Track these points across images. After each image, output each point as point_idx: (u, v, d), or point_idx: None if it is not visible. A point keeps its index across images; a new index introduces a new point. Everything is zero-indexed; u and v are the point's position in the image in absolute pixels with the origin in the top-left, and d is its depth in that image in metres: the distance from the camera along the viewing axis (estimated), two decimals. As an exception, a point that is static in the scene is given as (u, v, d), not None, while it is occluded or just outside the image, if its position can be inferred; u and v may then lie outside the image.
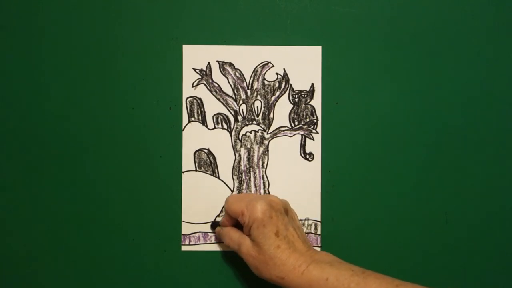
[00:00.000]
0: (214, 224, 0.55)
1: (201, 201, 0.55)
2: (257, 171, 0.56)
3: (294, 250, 0.47)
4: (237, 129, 0.56)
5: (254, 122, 0.56)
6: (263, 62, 0.56)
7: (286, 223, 0.49)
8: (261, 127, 0.56)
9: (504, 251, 0.55)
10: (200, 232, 0.55)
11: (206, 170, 0.56)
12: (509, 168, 0.55)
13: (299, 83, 0.56)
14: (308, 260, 0.46)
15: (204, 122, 0.56)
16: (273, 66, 0.56)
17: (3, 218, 0.55)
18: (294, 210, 0.54)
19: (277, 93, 0.56)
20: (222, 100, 0.56)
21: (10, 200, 0.55)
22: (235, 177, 0.56)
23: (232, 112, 0.56)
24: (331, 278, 0.45)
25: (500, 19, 0.56)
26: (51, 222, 0.55)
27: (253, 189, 0.56)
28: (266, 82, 0.56)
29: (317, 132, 0.56)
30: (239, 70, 0.56)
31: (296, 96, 0.56)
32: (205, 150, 0.56)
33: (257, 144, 0.56)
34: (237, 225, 0.52)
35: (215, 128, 0.56)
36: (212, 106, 0.56)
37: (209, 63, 0.56)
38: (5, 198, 0.55)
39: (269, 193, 0.56)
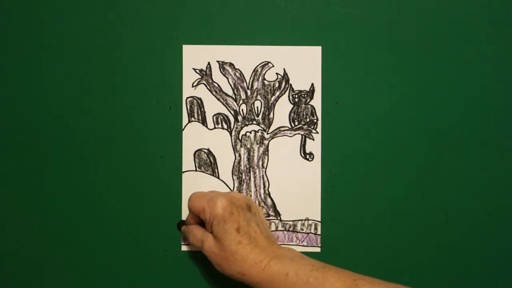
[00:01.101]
0: (181, 223, 0.55)
1: (201, 201, 0.55)
2: (257, 171, 0.56)
3: (255, 245, 0.47)
4: (237, 129, 0.56)
5: (254, 122, 0.56)
6: (263, 62, 0.56)
7: (248, 218, 0.48)
8: (261, 127, 0.56)
9: (504, 251, 0.55)
10: (200, 232, 0.55)
11: (206, 170, 0.56)
12: (509, 168, 0.55)
13: (299, 83, 0.56)
14: (269, 256, 0.46)
15: (204, 122, 0.56)
16: (273, 66, 0.56)
17: (3, 218, 0.55)
18: (258, 206, 0.54)
19: (277, 93, 0.56)
20: (222, 100, 0.56)
21: (10, 200, 0.55)
22: (235, 177, 0.56)
23: (232, 112, 0.56)
24: (291, 273, 0.44)
25: (500, 20, 0.56)
26: (51, 222, 0.55)
27: (253, 189, 0.56)
28: (266, 82, 0.56)
29: (317, 132, 0.56)
30: (239, 70, 0.56)
31: (296, 96, 0.56)
32: (205, 150, 0.56)
33: (257, 144, 0.56)
34: (202, 223, 0.52)
35: (215, 128, 0.56)
36: (212, 106, 0.56)
37: (209, 63, 0.56)
38: (5, 198, 0.55)
39: (269, 193, 0.56)
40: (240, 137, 0.56)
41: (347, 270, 0.45)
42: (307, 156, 0.56)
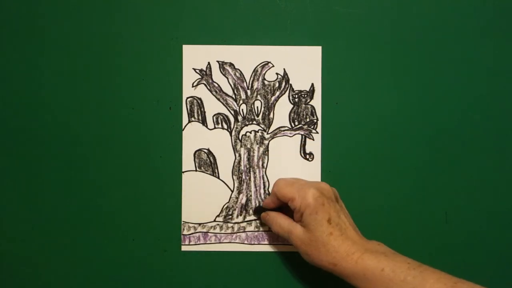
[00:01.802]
0: (258, 209, 0.55)
1: (201, 201, 0.55)
2: (257, 171, 0.56)
3: (346, 237, 0.47)
4: (237, 129, 0.56)
5: (254, 122, 0.56)
6: (263, 62, 0.56)
7: (337, 210, 0.48)
8: (261, 127, 0.56)
9: (504, 251, 0.55)
10: (200, 232, 0.55)
11: (206, 170, 0.56)
12: (509, 168, 0.55)
13: (299, 83, 0.56)
14: (361, 249, 0.46)
15: (204, 122, 0.56)
16: (273, 66, 0.56)
17: (3, 218, 0.55)
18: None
19: (277, 93, 0.56)
20: (222, 100, 0.56)
21: (10, 200, 0.55)
22: (235, 177, 0.56)
23: (232, 112, 0.56)
24: (387, 269, 0.44)
25: (500, 20, 0.56)
26: (51, 222, 0.55)
27: (253, 189, 0.56)
28: (266, 82, 0.56)
29: (317, 132, 0.56)
30: (239, 70, 0.56)
31: (296, 96, 0.56)
32: (205, 150, 0.56)
33: (257, 144, 0.56)
34: (281, 208, 0.52)
35: (215, 128, 0.56)
36: (212, 106, 0.56)
37: (209, 63, 0.56)
38: (5, 198, 0.55)
39: (269, 193, 0.56)
40: (240, 137, 0.56)
41: (444, 272, 0.45)
42: (307, 156, 0.56)
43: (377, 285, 0.44)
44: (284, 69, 0.56)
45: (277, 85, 0.56)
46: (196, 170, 0.56)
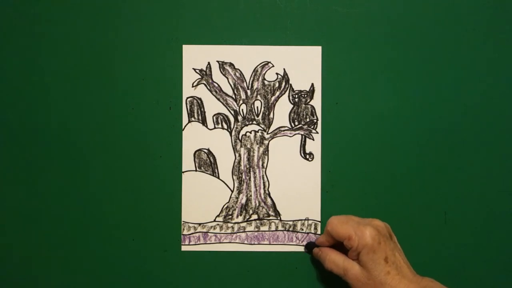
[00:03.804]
0: (310, 245, 0.55)
1: (201, 201, 0.55)
2: (257, 171, 0.56)
3: (403, 276, 0.47)
4: (237, 129, 0.56)
5: (254, 122, 0.56)
6: (263, 62, 0.56)
7: (392, 248, 0.49)
8: (261, 127, 0.56)
9: (503, 251, 0.55)
10: (200, 232, 0.55)
11: (206, 170, 0.56)
12: (509, 168, 0.55)
13: (299, 83, 0.56)
14: (417, 287, 0.47)
15: (204, 122, 0.56)
16: (273, 66, 0.56)
17: (3, 218, 0.55)
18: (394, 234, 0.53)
19: (277, 93, 0.56)
20: (222, 100, 0.56)
21: (10, 200, 0.55)
22: (235, 177, 0.56)
23: (232, 112, 0.56)
24: None
25: (499, 20, 0.56)
26: (51, 222, 0.55)
27: (253, 189, 0.56)
28: (266, 82, 0.56)
29: (317, 132, 0.56)
30: (239, 70, 0.56)
31: (296, 96, 0.56)
32: (205, 150, 0.56)
33: (257, 144, 0.56)
34: (334, 245, 0.52)
35: (215, 128, 0.56)
36: (212, 106, 0.56)
37: (209, 63, 0.56)
38: (5, 198, 0.55)
39: (269, 193, 0.56)
40: (240, 137, 0.56)
41: None
42: (307, 156, 0.56)
43: None
44: (284, 69, 0.56)
45: (277, 85, 0.56)
46: (196, 170, 0.56)
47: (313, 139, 0.56)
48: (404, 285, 0.47)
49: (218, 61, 0.56)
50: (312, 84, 0.56)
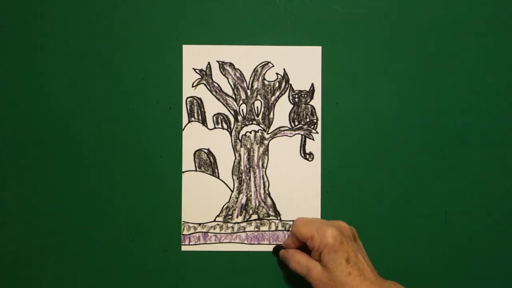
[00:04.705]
0: (277, 248, 0.55)
1: (201, 201, 0.55)
2: (257, 171, 0.56)
3: (364, 278, 0.47)
4: (237, 129, 0.56)
5: (254, 122, 0.56)
6: (263, 62, 0.56)
7: (355, 249, 0.49)
8: (261, 127, 0.56)
9: (504, 251, 0.55)
10: (200, 232, 0.55)
11: (206, 170, 0.56)
12: (509, 168, 0.55)
13: (299, 83, 0.56)
14: None
15: (204, 122, 0.56)
16: (273, 66, 0.56)
17: (3, 218, 0.55)
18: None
19: (277, 93, 0.56)
20: (222, 100, 0.56)
21: (10, 200, 0.55)
22: (235, 177, 0.56)
23: (232, 112, 0.56)
24: None
25: (499, 20, 0.56)
26: (51, 222, 0.55)
27: (253, 189, 0.56)
28: (266, 82, 0.56)
29: (317, 132, 0.56)
30: (239, 70, 0.56)
31: (296, 96, 0.56)
32: (205, 150, 0.56)
33: (257, 144, 0.56)
34: (301, 247, 0.52)
35: (215, 128, 0.56)
36: (212, 106, 0.56)
37: (209, 63, 0.56)
38: (5, 198, 0.55)
39: (269, 193, 0.56)
40: (240, 137, 0.56)
41: None
42: (307, 156, 0.56)
43: None
44: (284, 69, 0.56)
45: (277, 85, 0.56)
46: (196, 170, 0.56)
47: (313, 139, 0.56)
48: (366, 286, 0.46)
49: (218, 61, 0.56)
50: (312, 84, 0.56)
